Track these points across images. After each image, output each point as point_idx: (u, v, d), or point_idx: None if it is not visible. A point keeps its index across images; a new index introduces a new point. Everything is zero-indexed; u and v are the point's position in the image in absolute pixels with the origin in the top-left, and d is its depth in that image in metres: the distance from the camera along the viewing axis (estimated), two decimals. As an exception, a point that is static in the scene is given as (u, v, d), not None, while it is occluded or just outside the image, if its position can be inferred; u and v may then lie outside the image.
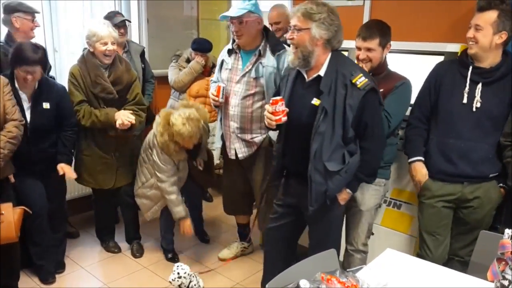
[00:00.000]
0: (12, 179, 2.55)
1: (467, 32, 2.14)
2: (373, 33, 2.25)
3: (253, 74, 2.68)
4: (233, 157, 2.86)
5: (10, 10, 2.88)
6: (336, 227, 2.27)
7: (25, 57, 2.46)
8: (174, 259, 3.21)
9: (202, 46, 3.81)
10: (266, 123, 2.16)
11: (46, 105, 2.65)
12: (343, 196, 2.13)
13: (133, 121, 2.89)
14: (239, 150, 2.83)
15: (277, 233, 2.35)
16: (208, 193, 4.44)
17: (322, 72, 2.03)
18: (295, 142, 2.14)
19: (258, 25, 2.67)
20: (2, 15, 2.92)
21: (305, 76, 2.09)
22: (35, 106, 2.62)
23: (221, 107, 2.82)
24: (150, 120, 3.19)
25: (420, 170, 2.32)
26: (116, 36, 2.89)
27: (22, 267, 2.84)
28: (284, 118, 2.06)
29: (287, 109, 2.07)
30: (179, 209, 3.02)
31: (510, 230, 1.39)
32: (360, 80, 1.95)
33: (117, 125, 2.86)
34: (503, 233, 1.43)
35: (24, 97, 2.60)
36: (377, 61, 2.28)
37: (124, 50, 3.60)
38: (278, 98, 2.05)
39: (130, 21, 3.61)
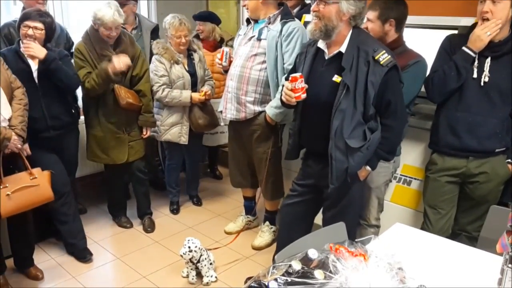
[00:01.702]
0: (28, 150, 2.58)
1: (480, 5, 2.09)
2: (375, 5, 2.24)
3: (257, 35, 2.75)
4: (227, 118, 2.96)
5: None
6: (356, 207, 2.27)
7: (27, 14, 2.58)
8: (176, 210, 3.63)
9: (200, 14, 3.84)
10: (284, 99, 2.11)
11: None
12: (363, 173, 2.12)
13: (129, 63, 2.92)
14: (229, 110, 2.91)
15: (293, 209, 2.35)
16: (218, 171, 4.48)
17: (343, 49, 1.99)
18: (314, 120, 2.12)
19: None
20: None
21: (326, 51, 2.06)
22: (42, 67, 2.65)
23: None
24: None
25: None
26: (120, 21, 2.87)
27: (37, 241, 2.92)
28: (304, 95, 2.03)
29: (306, 86, 2.04)
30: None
31: (520, 203, 1.39)
32: (383, 57, 1.92)
33: (111, 69, 2.84)
34: (513, 207, 1.43)
35: (31, 62, 2.63)
36: (375, 34, 2.24)
37: (133, 27, 3.57)
38: (297, 75, 2.02)
39: (130, 0, 3.49)
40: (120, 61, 2.86)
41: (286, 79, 2.16)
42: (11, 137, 2.34)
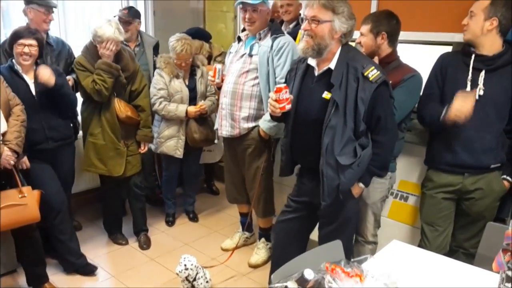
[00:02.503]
0: (27, 163, 2.57)
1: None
2: (367, 19, 2.30)
3: (248, 51, 2.78)
4: (223, 135, 2.96)
5: (27, 1, 3.02)
6: (351, 225, 2.25)
7: (19, 32, 2.61)
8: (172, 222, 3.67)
9: (187, 31, 3.73)
10: (269, 111, 2.14)
11: None
12: (356, 190, 2.11)
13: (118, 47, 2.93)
14: (224, 127, 2.91)
15: (287, 226, 2.32)
16: (214, 186, 4.46)
17: (332, 65, 2.00)
18: (305, 137, 2.11)
19: (267, 15, 2.80)
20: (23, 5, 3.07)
21: (316, 68, 2.07)
22: (39, 81, 2.67)
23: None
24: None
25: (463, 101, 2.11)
26: (120, 38, 2.91)
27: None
28: (288, 106, 2.04)
29: (291, 97, 2.05)
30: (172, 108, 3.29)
31: (517, 221, 1.38)
32: (372, 73, 1.92)
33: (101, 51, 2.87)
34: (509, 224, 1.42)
35: (26, 77, 2.66)
36: (368, 48, 2.29)
37: (136, 44, 3.62)
38: (282, 85, 2.03)
39: (129, 19, 3.53)
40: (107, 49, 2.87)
41: None
42: (1, 153, 2.33)
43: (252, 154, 2.89)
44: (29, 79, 2.66)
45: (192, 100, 3.38)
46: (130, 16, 3.52)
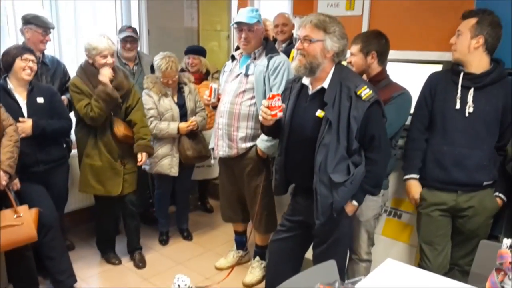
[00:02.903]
0: (18, 185, 2.55)
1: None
2: (357, 39, 2.35)
3: (244, 71, 2.79)
4: (220, 155, 2.95)
5: (25, 21, 3.06)
6: (345, 243, 2.25)
7: (25, 48, 2.66)
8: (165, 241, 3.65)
9: (193, 48, 3.94)
10: (261, 118, 2.12)
11: (40, 100, 2.77)
12: (350, 208, 2.11)
13: (111, 72, 2.93)
14: (221, 147, 2.90)
15: (282, 245, 2.31)
16: (208, 203, 4.44)
17: (325, 84, 2.03)
18: (299, 155, 2.12)
19: (261, 34, 2.84)
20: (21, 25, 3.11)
21: (310, 87, 2.09)
22: (31, 102, 2.72)
23: (217, 107, 2.95)
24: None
25: (414, 188, 2.35)
26: (114, 49, 2.94)
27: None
28: (280, 114, 2.05)
29: (283, 105, 2.07)
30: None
31: (509, 240, 1.38)
32: (365, 92, 1.95)
33: (103, 84, 2.88)
34: (504, 242, 1.43)
35: (18, 96, 2.67)
36: (358, 67, 2.34)
37: (135, 63, 3.67)
38: (275, 93, 2.05)
39: (137, 37, 3.66)
40: (104, 73, 2.89)
41: None
42: None
43: (250, 173, 2.89)
44: (21, 100, 2.67)
45: (183, 117, 3.40)
46: (136, 33, 3.61)
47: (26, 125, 2.65)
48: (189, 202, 4.00)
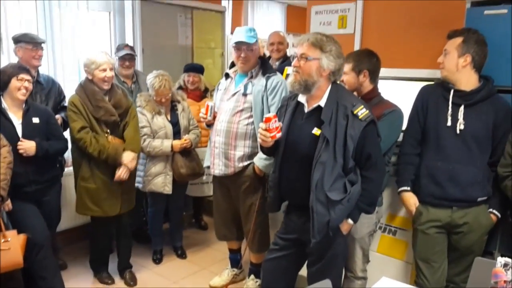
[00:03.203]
0: (10, 205, 2.53)
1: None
2: (348, 57, 2.36)
3: (242, 91, 2.80)
4: (215, 173, 2.94)
5: (15, 40, 3.09)
6: (340, 261, 2.23)
7: (21, 67, 2.66)
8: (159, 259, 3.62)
9: (193, 66, 3.97)
10: (259, 141, 2.14)
11: (35, 120, 2.75)
12: (345, 227, 2.11)
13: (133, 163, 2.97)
14: (217, 166, 2.90)
15: (276, 264, 2.29)
16: (203, 221, 4.41)
17: (322, 103, 2.04)
18: (293, 173, 2.12)
19: (258, 53, 2.88)
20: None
21: (306, 105, 2.11)
22: (27, 122, 2.70)
23: (212, 125, 2.95)
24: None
25: (408, 200, 2.36)
26: (113, 63, 2.95)
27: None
28: (279, 134, 2.06)
29: (280, 124, 2.08)
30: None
31: (503, 258, 1.38)
32: (362, 112, 1.97)
33: (116, 176, 2.93)
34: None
35: (13, 116, 2.66)
36: (350, 85, 2.37)
37: (133, 81, 3.69)
38: (271, 115, 2.06)
39: (135, 54, 3.69)
40: (129, 158, 2.95)
41: None
42: None
43: (246, 191, 2.88)
44: (16, 120, 2.65)
45: (176, 135, 3.40)
46: (133, 51, 3.65)
47: (30, 146, 2.64)
48: (183, 219, 3.98)
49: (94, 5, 3.92)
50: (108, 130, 2.95)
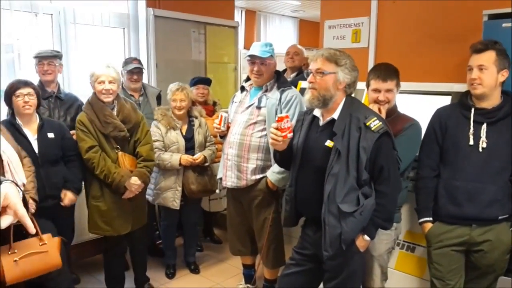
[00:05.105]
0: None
1: (468, 74, 2.16)
2: (392, 74, 2.31)
3: (256, 103, 2.81)
4: (228, 185, 2.93)
5: (34, 57, 3.20)
6: (358, 279, 2.20)
7: (14, 85, 2.67)
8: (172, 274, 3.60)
9: (201, 78, 3.98)
10: (271, 141, 2.12)
11: (50, 135, 2.77)
12: (361, 244, 2.07)
13: (140, 188, 2.95)
14: (229, 178, 2.89)
15: (292, 280, 2.25)
16: (215, 235, 4.38)
17: (335, 115, 2.05)
18: (308, 186, 2.11)
19: (274, 68, 2.89)
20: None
21: (321, 118, 2.11)
22: (42, 136, 2.72)
23: (225, 136, 2.96)
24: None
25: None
26: (114, 76, 2.89)
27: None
28: (290, 135, 2.06)
29: (292, 124, 2.07)
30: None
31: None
32: (374, 123, 1.96)
33: (124, 196, 2.92)
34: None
35: (28, 132, 2.68)
36: (393, 102, 2.33)
37: (140, 94, 3.71)
38: (284, 115, 2.05)
39: (144, 68, 3.72)
40: (135, 182, 2.91)
41: None
42: (28, 202, 2.32)
43: (259, 205, 2.86)
44: (31, 135, 2.67)
45: (190, 150, 3.39)
46: (141, 65, 3.68)
47: (70, 197, 2.81)
48: (197, 234, 3.94)
49: (109, 21, 3.98)
50: (118, 146, 2.92)
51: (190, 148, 3.39)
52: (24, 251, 2.30)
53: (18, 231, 2.31)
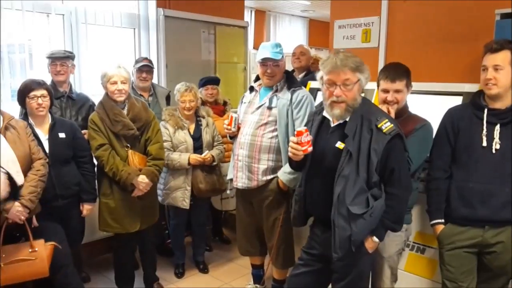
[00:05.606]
0: (35, 222, 2.55)
1: (483, 74, 2.13)
2: (401, 74, 2.28)
3: (267, 104, 2.80)
4: (238, 186, 2.93)
5: (47, 58, 3.22)
6: (365, 281, 2.19)
7: (28, 85, 2.67)
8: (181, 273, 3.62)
9: (210, 78, 3.97)
10: (290, 154, 2.10)
11: (62, 135, 2.79)
12: (370, 245, 2.06)
13: (148, 187, 2.95)
14: (240, 179, 2.88)
15: (301, 280, 2.25)
16: (223, 234, 4.39)
17: (347, 117, 2.04)
18: (318, 187, 2.11)
19: (284, 68, 2.89)
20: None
21: (331, 120, 2.10)
22: (53, 137, 2.74)
23: (235, 137, 2.95)
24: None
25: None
26: (126, 76, 2.91)
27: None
28: (310, 148, 2.04)
29: (311, 138, 2.06)
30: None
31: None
32: (386, 125, 1.95)
33: (133, 194, 2.94)
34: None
35: (40, 132, 2.71)
36: (403, 103, 2.31)
37: (150, 94, 3.73)
38: (303, 129, 2.03)
39: (153, 67, 3.74)
40: (143, 181, 2.92)
41: None
42: (9, 210, 2.32)
43: (270, 205, 2.86)
44: (43, 135, 2.70)
45: (198, 149, 3.40)
46: (151, 64, 3.70)
47: (89, 207, 2.93)
48: (206, 234, 3.95)
49: (119, 22, 4.01)
50: (128, 145, 2.94)
51: (198, 147, 3.41)
52: (11, 257, 2.33)
53: (13, 234, 2.34)
